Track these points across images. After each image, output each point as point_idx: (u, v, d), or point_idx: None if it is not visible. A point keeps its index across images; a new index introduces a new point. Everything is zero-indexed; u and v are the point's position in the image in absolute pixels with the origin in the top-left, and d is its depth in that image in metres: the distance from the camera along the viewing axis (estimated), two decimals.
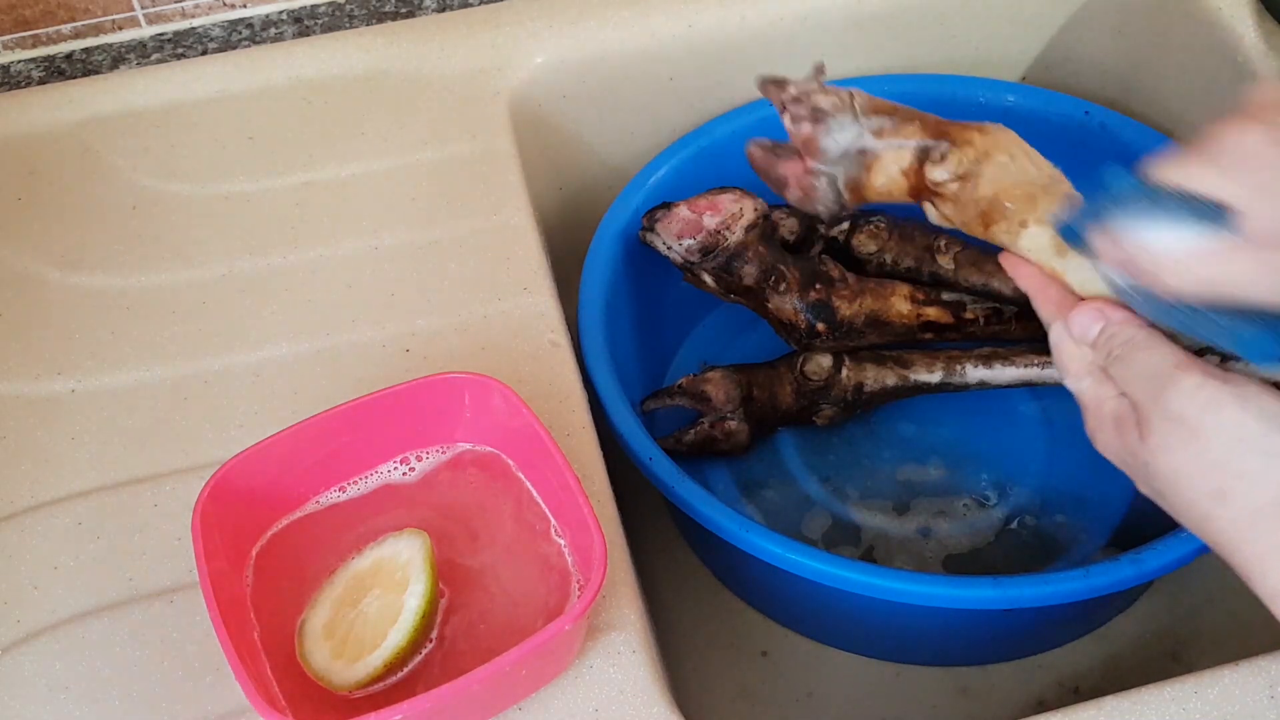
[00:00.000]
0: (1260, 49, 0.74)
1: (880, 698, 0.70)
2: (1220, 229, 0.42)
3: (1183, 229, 0.43)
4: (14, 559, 0.56)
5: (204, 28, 0.83)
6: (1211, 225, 0.42)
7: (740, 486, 0.75)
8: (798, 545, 0.59)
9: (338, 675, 0.49)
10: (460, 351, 0.62)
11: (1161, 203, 0.43)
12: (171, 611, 0.54)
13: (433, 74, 0.77)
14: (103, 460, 0.59)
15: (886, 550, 0.72)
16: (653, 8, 0.79)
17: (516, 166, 0.72)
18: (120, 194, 0.71)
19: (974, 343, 0.74)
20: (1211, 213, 0.43)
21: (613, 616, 0.53)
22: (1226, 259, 0.42)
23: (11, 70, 0.81)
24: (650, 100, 0.81)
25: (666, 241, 0.71)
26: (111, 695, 0.51)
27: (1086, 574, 0.57)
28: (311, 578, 0.52)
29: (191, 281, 0.67)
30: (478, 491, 0.55)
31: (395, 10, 0.82)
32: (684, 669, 0.72)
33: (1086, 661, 0.70)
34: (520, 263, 0.66)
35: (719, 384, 0.72)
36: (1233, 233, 0.42)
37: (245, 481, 0.52)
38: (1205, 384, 0.43)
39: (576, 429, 0.60)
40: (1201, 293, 0.44)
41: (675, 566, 0.76)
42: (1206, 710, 0.49)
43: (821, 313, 0.70)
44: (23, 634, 0.53)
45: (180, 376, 0.62)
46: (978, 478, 0.74)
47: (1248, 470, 0.42)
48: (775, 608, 0.72)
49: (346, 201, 0.70)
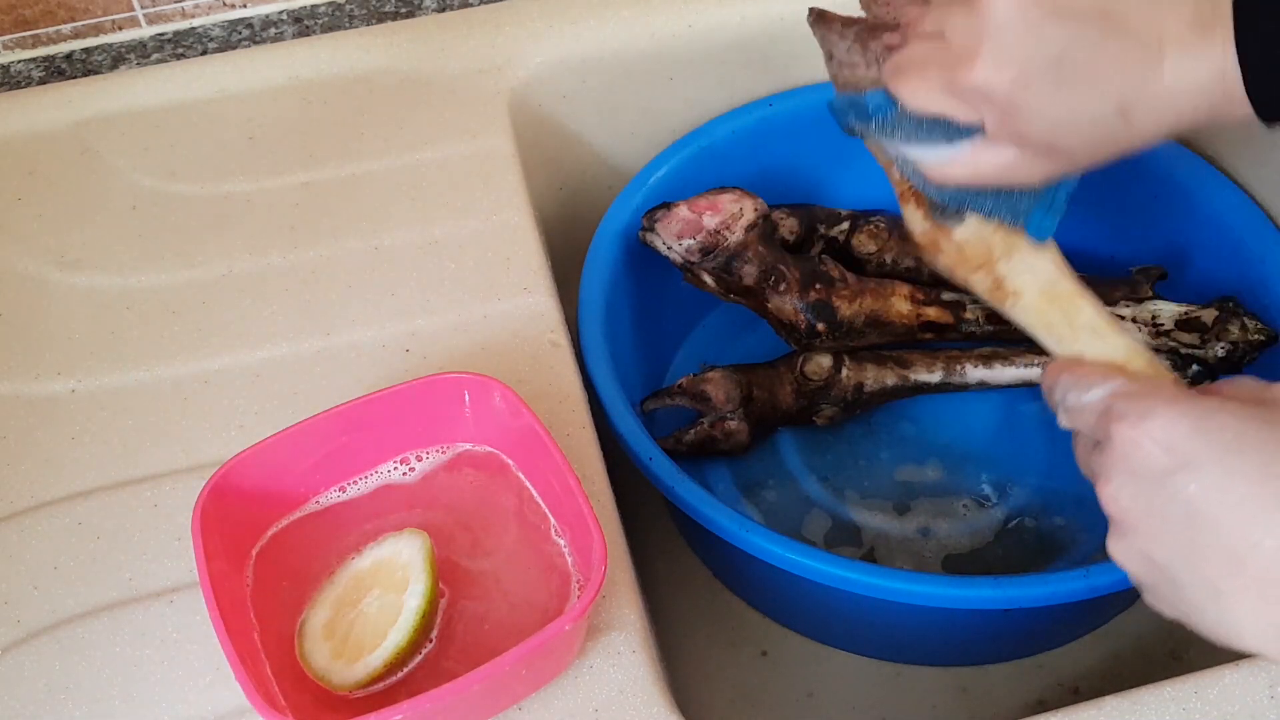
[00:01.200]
0: None
1: (880, 698, 0.70)
2: (965, 138, 0.49)
3: (938, 145, 0.50)
4: (14, 559, 0.56)
5: (204, 28, 0.83)
6: (963, 137, 0.49)
7: (740, 486, 0.75)
8: (798, 545, 0.59)
9: (338, 675, 0.49)
10: (460, 351, 0.62)
11: (920, 127, 0.50)
12: (171, 611, 0.54)
13: (433, 74, 0.77)
14: (103, 460, 0.59)
15: (887, 550, 0.72)
16: (653, 8, 0.79)
17: (516, 166, 0.72)
18: (120, 194, 0.71)
19: (974, 343, 0.74)
20: (961, 130, 0.49)
21: (613, 616, 0.53)
22: (979, 162, 0.49)
23: (11, 70, 0.81)
24: (650, 100, 0.81)
25: (666, 241, 0.71)
26: (111, 695, 0.51)
27: (1086, 574, 0.57)
28: (311, 578, 0.52)
29: (191, 281, 0.67)
30: (478, 491, 0.55)
31: (395, 10, 0.82)
32: (684, 669, 0.72)
33: (1086, 661, 0.70)
34: (520, 263, 0.66)
35: (719, 384, 0.72)
36: (973, 138, 0.49)
37: (245, 481, 0.52)
38: None
39: (576, 429, 0.60)
40: (964, 185, 0.51)
41: (675, 566, 0.76)
42: (1206, 710, 0.49)
43: (821, 313, 0.70)
44: (23, 634, 0.53)
45: (180, 376, 0.62)
46: (978, 478, 0.74)
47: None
48: (775, 608, 0.72)
49: (346, 201, 0.70)
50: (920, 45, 0.50)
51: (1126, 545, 0.43)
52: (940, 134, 0.49)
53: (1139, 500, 0.42)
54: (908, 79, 0.50)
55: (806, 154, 0.81)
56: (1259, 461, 0.40)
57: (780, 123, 0.80)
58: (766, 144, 0.80)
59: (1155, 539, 0.42)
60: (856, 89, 0.53)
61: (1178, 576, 0.42)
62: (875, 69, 0.53)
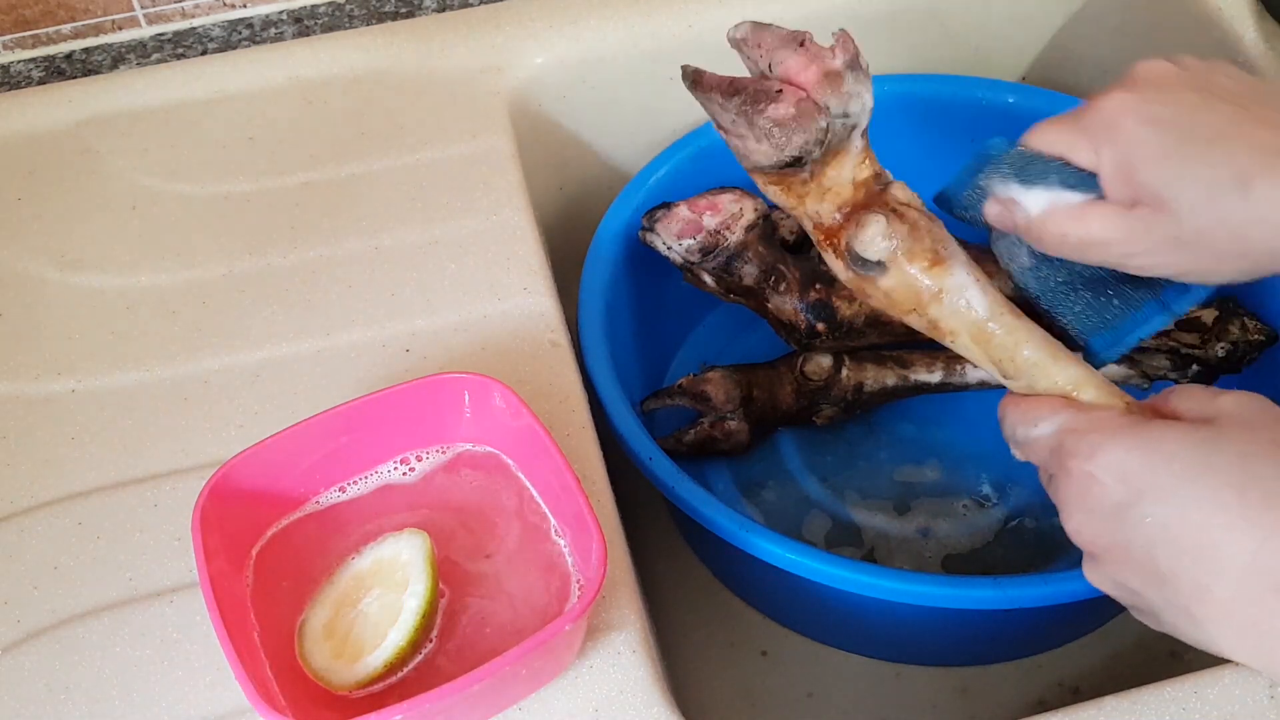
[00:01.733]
0: (1260, 49, 0.74)
1: (880, 698, 0.70)
2: (1086, 192, 0.47)
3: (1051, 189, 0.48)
4: (14, 559, 0.56)
5: (204, 28, 0.83)
6: (1079, 188, 0.48)
7: (740, 486, 0.75)
8: (798, 545, 0.59)
9: (338, 675, 0.49)
10: (460, 351, 0.62)
11: (1035, 165, 0.49)
12: (171, 611, 0.54)
13: (433, 74, 0.77)
14: (103, 460, 0.59)
15: (886, 550, 0.72)
16: (653, 8, 0.79)
17: (516, 166, 0.72)
18: (120, 194, 0.71)
19: None
20: (1078, 177, 0.48)
21: (613, 616, 0.53)
22: (1088, 216, 0.47)
23: (11, 70, 0.81)
24: (650, 100, 0.81)
25: (666, 241, 0.71)
26: (111, 695, 0.51)
27: None
28: (311, 578, 0.52)
29: (191, 281, 0.67)
30: (478, 491, 0.55)
31: (395, 10, 0.82)
32: (684, 669, 0.72)
33: (1086, 661, 0.70)
34: (520, 263, 0.66)
35: (719, 384, 0.72)
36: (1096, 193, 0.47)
37: (245, 481, 0.52)
38: None
39: (576, 429, 0.60)
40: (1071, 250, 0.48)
41: (675, 566, 0.76)
42: (1206, 710, 0.49)
43: (821, 313, 0.70)
44: (23, 634, 0.53)
45: (180, 376, 0.62)
46: (977, 478, 0.74)
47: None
48: (775, 608, 0.72)
49: (346, 201, 0.70)
50: None
51: (1099, 574, 0.44)
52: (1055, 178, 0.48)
53: (1102, 534, 0.43)
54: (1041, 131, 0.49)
55: None
56: (1212, 486, 0.40)
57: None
58: None
59: (1123, 568, 0.42)
60: (748, 160, 0.52)
61: (1151, 602, 0.42)
62: (766, 143, 0.50)
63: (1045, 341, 0.49)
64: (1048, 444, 0.46)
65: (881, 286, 0.51)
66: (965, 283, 0.50)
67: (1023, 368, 0.49)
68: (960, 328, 0.50)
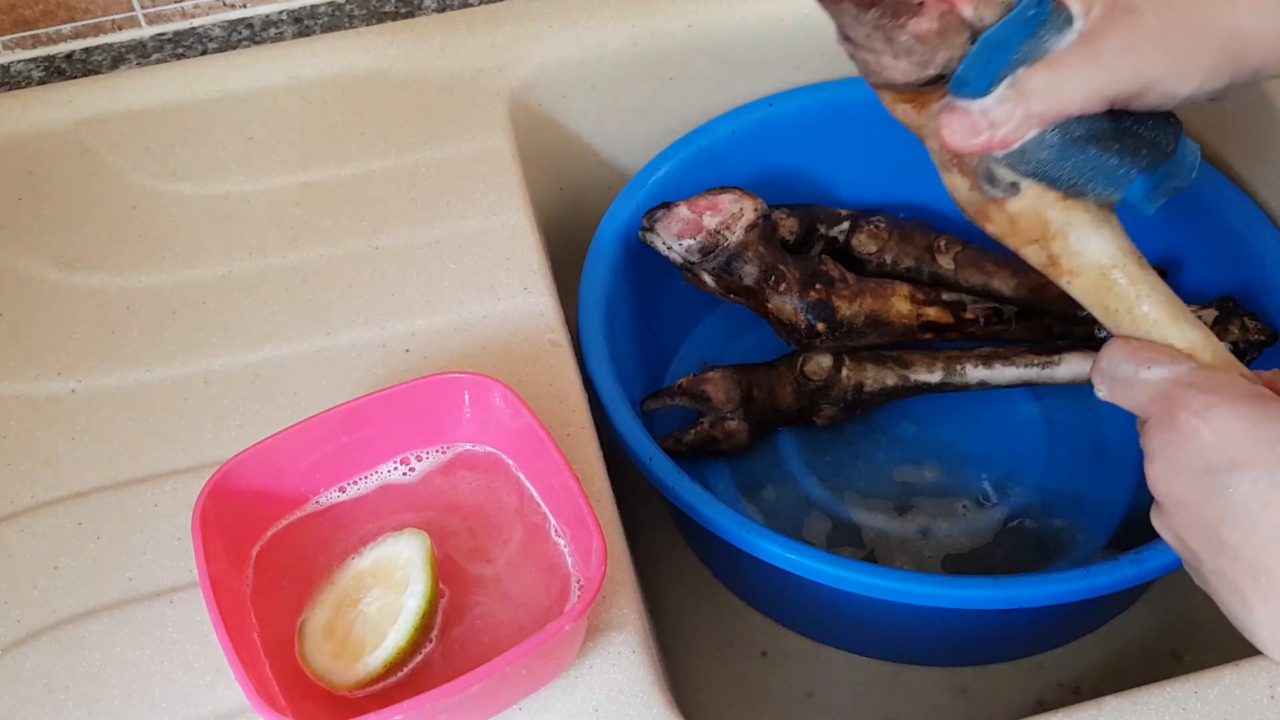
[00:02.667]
0: None
1: (880, 698, 0.70)
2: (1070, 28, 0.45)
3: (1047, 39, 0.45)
4: (14, 559, 0.56)
5: (204, 28, 0.83)
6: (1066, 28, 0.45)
7: (740, 486, 0.75)
8: (798, 545, 0.59)
9: (338, 675, 0.49)
10: (460, 351, 0.62)
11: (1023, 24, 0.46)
12: (171, 611, 0.54)
13: (433, 74, 0.77)
14: (103, 460, 0.59)
15: (886, 550, 0.72)
16: (653, 8, 0.79)
17: (516, 166, 0.72)
18: (120, 194, 0.71)
19: (974, 343, 0.74)
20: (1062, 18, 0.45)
21: (613, 616, 0.53)
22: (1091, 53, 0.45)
23: (11, 70, 0.81)
24: (650, 100, 0.81)
25: (666, 241, 0.71)
26: (111, 695, 0.51)
27: (1086, 574, 0.57)
28: (311, 578, 0.52)
29: (191, 281, 0.67)
30: (478, 492, 0.55)
31: (395, 10, 0.82)
32: (684, 669, 0.72)
33: (1086, 661, 0.70)
34: (520, 263, 0.66)
35: (719, 384, 0.72)
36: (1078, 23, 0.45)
37: (245, 481, 0.52)
38: None
39: (576, 429, 0.60)
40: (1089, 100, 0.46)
41: (675, 566, 0.76)
42: (1206, 710, 0.49)
43: (821, 313, 0.70)
44: (23, 634, 0.53)
45: (180, 376, 0.62)
46: (977, 478, 0.74)
47: None
48: (775, 608, 0.72)
49: (346, 201, 0.70)
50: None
51: (1163, 523, 0.44)
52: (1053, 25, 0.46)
53: (1179, 489, 0.42)
54: None
55: (806, 154, 0.81)
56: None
57: (780, 123, 0.80)
58: (766, 144, 0.80)
59: (1189, 528, 0.42)
60: (879, 77, 0.48)
61: (1204, 565, 0.42)
62: (905, 60, 0.47)
63: (1169, 299, 0.47)
64: (1157, 389, 0.44)
65: (1009, 210, 0.48)
66: (1098, 219, 0.47)
67: (1139, 321, 0.47)
68: (1081, 268, 0.48)
